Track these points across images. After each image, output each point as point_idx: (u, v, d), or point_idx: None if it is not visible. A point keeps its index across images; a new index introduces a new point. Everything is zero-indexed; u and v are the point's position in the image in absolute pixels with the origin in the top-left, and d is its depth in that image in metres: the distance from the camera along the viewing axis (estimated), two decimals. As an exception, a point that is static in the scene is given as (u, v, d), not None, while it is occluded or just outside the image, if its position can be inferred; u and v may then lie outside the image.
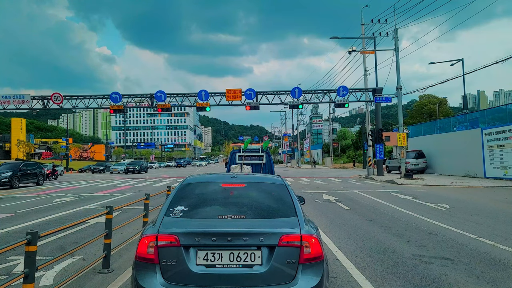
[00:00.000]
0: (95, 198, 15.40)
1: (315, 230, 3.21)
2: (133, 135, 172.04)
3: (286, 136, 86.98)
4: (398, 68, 25.15)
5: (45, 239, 6.95)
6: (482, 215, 9.56)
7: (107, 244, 5.16)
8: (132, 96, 31.90)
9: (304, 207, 5.23)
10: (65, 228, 4.48)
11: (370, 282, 4.53)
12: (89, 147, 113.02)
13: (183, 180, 4.00)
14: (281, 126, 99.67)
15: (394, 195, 14.53)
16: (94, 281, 4.71)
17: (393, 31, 25.45)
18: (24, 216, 10.49)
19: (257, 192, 3.67)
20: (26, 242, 3.27)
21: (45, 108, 30.69)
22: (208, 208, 3.41)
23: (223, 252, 2.86)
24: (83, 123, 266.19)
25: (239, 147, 15.64)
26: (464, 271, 4.93)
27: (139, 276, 2.88)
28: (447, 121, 29.37)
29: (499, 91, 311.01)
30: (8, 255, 5.87)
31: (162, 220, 3.13)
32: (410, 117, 66.37)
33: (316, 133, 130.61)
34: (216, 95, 30.34)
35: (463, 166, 24.08)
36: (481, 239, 6.78)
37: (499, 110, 24.57)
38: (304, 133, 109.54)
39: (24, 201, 14.44)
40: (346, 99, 28.93)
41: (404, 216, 9.57)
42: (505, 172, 20.21)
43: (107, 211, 5.28)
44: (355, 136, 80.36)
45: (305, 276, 2.83)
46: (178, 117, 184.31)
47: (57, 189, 20.71)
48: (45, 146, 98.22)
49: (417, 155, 28.65)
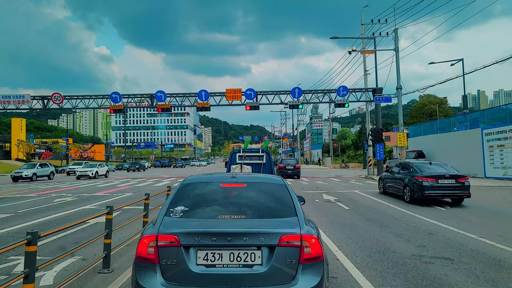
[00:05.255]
0: (95, 198, 15.40)
1: (315, 230, 3.21)
2: (133, 135, 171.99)
3: (286, 136, 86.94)
4: (398, 68, 25.15)
5: (45, 239, 6.95)
6: (482, 215, 9.57)
7: (107, 244, 5.16)
8: (132, 96, 31.89)
9: (304, 207, 5.22)
10: (65, 228, 4.49)
11: (370, 282, 4.53)
12: (89, 147, 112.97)
13: (183, 180, 4.00)
14: (281, 126, 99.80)
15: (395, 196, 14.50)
16: (94, 281, 4.71)
17: (393, 31, 25.46)
18: (24, 216, 10.49)
19: (257, 192, 3.66)
20: (26, 242, 3.27)
21: (45, 108, 30.69)
22: (208, 208, 3.41)
23: (223, 252, 2.86)
24: (83, 123, 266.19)
25: (239, 147, 15.65)
26: (464, 271, 4.93)
27: (139, 276, 2.88)
28: (447, 121, 29.39)
29: (499, 91, 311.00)
30: (8, 255, 5.87)
31: (162, 220, 3.13)
32: (410, 117, 66.38)
33: (316, 133, 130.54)
34: (216, 95, 30.34)
35: (463, 166, 24.02)
36: (481, 239, 6.78)
37: (499, 110, 24.58)
38: (304, 133, 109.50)
39: (24, 201, 14.44)
40: (346, 99, 28.93)
41: (404, 216, 9.57)
42: (505, 172, 20.21)
43: (107, 211, 5.28)
44: (355, 136, 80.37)
45: (305, 276, 2.83)
46: (178, 117, 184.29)
47: (57, 189, 20.71)
48: (45, 146, 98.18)
49: (417, 155, 28.64)
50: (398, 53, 25.30)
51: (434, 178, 11.78)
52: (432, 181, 11.75)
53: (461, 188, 11.71)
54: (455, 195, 11.86)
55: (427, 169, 12.59)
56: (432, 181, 11.75)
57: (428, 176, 11.89)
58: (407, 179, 12.69)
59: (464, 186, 11.76)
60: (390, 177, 14.66)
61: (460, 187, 11.74)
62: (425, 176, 11.92)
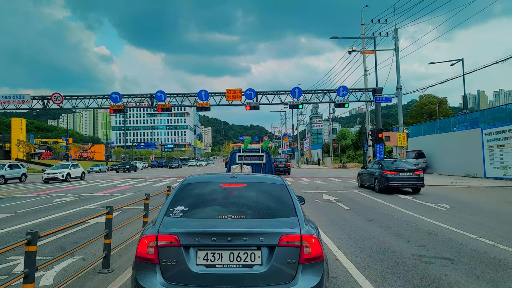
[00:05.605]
0: (95, 198, 15.40)
1: (315, 230, 3.21)
2: (133, 135, 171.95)
3: (286, 136, 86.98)
4: (398, 68, 25.16)
5: (45, 239, 6.95)
6: (482, 215, 9.57)
7: (107, 244, 5.16)
8: (132, 96, 31.90)
9: (304, 207, 5.22)
10: (65, 228, 4.49)
11: (370, 282, 4.53)
12: (89, 147, 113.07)
13: (183, 180, 4.00)
14: (281, 126, 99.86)
15: (394, 195, 14.52)
16: (94, 281, 4.71)
17: (393, 31, 25.47)
18: (24, 216, 10.49)
19: (257, 192, 3.66)
20: (26, 242, 3.27)
21: (45, 108, 30.70)
22: (208, 208, 3.41)
23: (223, 252, 2.86)
24: (83, 123, 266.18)
25: (239, 147, 15.66)
26: (464, 271, 4.93)
27: (139, 276, 2.88)
28: (447, 121, 29.38)
29: (499, 91, 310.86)
30: (8, 255, 5.87)
31: (162, 220, 3.13)
32: (410, 117, 66.32)
33: (316, 133, 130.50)
34: (216, 95, 30.35)
35: (463, 166, 24.09)
36: (481, 239, 6.78)
37: (499, 110, 24.58)
38: (304, 133, 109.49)
39: (24, 201, 14.44)
40: (346, 99, 28.94)
41: (404, 216, 9.57)
42: (505, 172, 20.21)
43: (107, 211, 5.28)
44: (355, 136, 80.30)
45: (305, 276, 2.83)
46: (178, 117, 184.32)
47: (57, 189, 20.71)
48: (45, 146, 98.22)
49: (417, 155, 28.66)
50: (398, 53, 25.31)
51: (396, 171, 14.99)
52: (395, 174, 14.94)
53: (416, 179, 14.92)
54: (412, 185, 15.10)
55: (391, 164, 15.66)
56: (394, 174, 14.94)
57: (391, 170, 15.04)
58: (377, 173, 15.72)
59: (419, 178, 14.94)
60: (365, 173, 17.66)
61: (416, 179, 14.93)
62: (389, 170, 15.05)
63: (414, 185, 15.09)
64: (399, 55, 25.34)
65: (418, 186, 15.08)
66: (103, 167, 51.49)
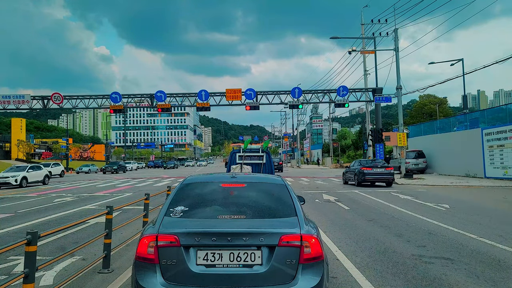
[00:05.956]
0: (95, 198, 15.40)
1: (315, 230, 3.21)
2: (133, 135, 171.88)
3: (286, 136, 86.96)
4: (398, 68, 25.14)
5: (45, 239, 6.95)
6: (482, 215, 9.56)
7: (107, 244, 5.16)
8: (132, 96, 31.91)
9: (304, 207, 5.21)
10: (65, 228, 4.49)
11: (370, 282, 4.53)
12: (89, 147, 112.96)
13: (183, 180, 3.99)
14: (281, 126, 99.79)
15: (394, 195, 14.53)
16: (94, 281, 4.71)
17: (393, 31, 25.44)
18: (24, 216, 10.49)
19: (257, 192, 3.66)
20: (26, 242, 3.26)
21: (45, 108, 30.71)
22: (208, 208, 3.41)
23: (223, 252, 2.86)
24: (83, 123, 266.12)
25: (239, 147, 15.64)
26: (464, 271, 4.93)
27: (139, 276, 2.88)
28: (447, 121, 29.37)
29: (499, 91, 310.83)
30: (8, 255, 5.87)
31: (162, 220, 3.13)
32: (410, 117, 66.30)
33: (316, 133, 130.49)
34: (216, 95, 30.35)
35: (463, 166, 24.08)
36: (481, 239, 6.78)
37: (499, 110, 24.57)
38: (304, 133, 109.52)
39: (24, 201, 14.45)
40: (346, 99, 28.95)
41: (404, 216, 9.57)
42: (505, 172, 20.21)
43: (107, 211, 5.28)
44: (355, 136, 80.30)
45: (305, 276, 2.83)
46: (178, 117, 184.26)
47: (57, 189, 20.71)
48: (45, 146, 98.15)
49: (417, 155, 28.65)
50: (398, 53, 25.30)
51: (371, 167, 18.54)
52: (369, 170, 18.41)
53: (388, 174, 18.49)
54: (384, 179, 18.52)
55: (369, 163, 19.44)
56: (369, 170, 18.40)
57: (367, 167, 18.58)
58: (357, 170, 19.00)
59: (390, 173, 18.54)
60: (349, 171, 20.63)
61: (387, 174, 18.48)
62: (365, 167, 18.56)
63: (386, 179, 18.45)
64: (399, 55, 25.34)
65: (389, 180, 18.51)
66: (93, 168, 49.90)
